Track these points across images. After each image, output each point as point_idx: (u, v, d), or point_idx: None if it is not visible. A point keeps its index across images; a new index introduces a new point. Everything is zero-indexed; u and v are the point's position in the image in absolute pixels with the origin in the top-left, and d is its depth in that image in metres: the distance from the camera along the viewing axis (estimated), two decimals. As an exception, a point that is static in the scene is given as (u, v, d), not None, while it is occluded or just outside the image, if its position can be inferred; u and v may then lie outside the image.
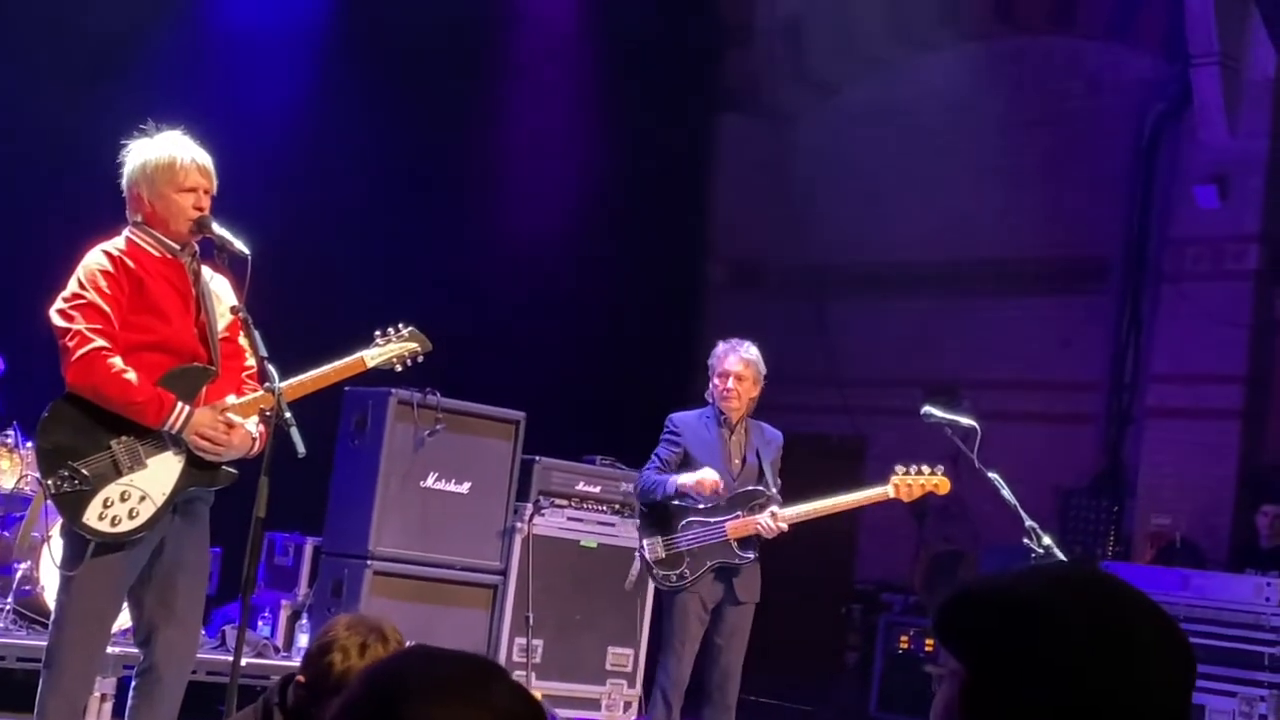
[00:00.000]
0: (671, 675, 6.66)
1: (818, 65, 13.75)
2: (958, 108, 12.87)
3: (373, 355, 5.10)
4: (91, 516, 4.57)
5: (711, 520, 6.77)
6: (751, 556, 6.81)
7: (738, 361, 6.83)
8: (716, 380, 6.85)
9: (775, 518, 6.72)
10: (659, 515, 6.82)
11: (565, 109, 12.03)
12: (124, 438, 4.63)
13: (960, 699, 1.59)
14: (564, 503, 8.26)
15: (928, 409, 6.71)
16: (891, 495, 6.81)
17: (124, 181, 4.79)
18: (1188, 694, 1.59)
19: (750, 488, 6.85)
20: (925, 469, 6.82)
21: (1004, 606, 1.59)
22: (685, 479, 6.67)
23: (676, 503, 6.80)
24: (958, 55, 13.12)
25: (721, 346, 6.92)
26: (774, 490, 6.86)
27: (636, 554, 6.91)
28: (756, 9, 13.78)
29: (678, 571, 6.72)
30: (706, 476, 6.65)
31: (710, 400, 6.93)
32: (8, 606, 7.32)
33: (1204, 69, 11.20)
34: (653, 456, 6.94)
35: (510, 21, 11.77)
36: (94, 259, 4.67)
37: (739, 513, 6.79)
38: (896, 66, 13.43)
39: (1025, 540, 6.16)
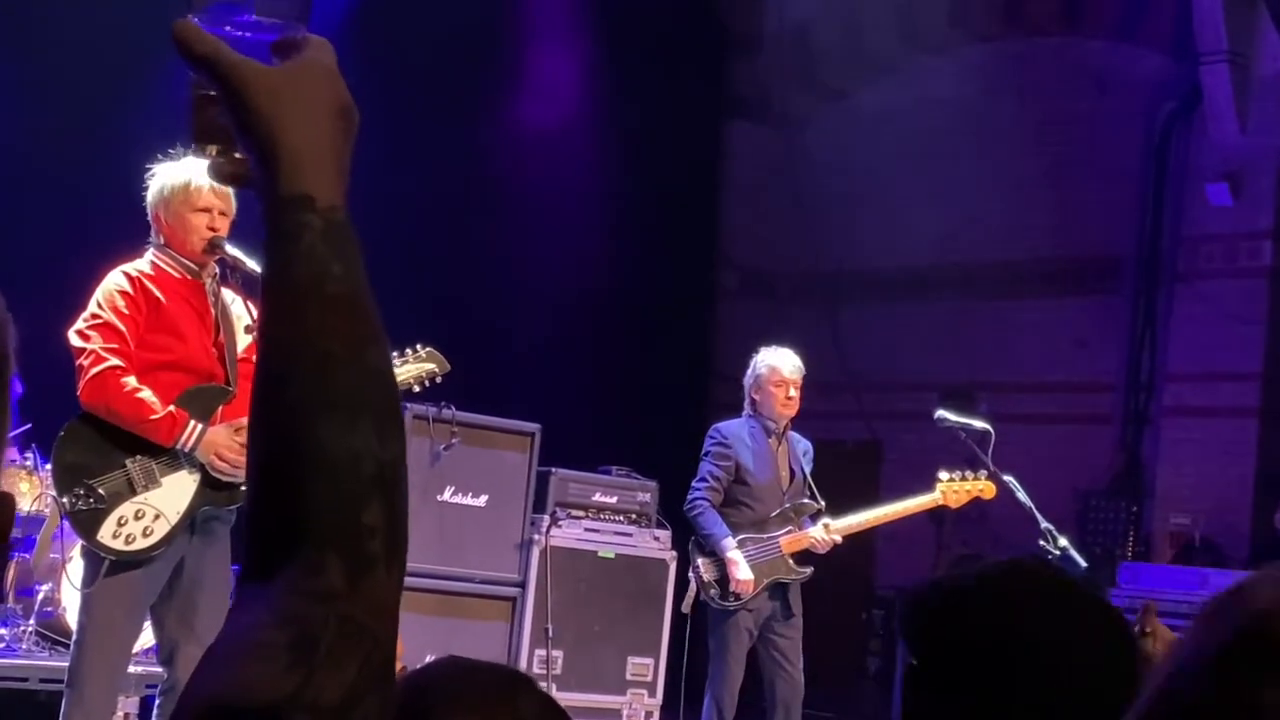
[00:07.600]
0: (725, 684, 6.61)
1: (827, 71, 13.75)
2: (968, 111, 12.86)
3: None
4: (106, 534, 4.60)
5: (765, 536, 6.67)
6: (808, 571, 6.72)
7: (794, 369, 6.73)
8: (773, 389, 6.69)
9: (828, 530, 6.65)
10: None
11: (575, 120, 12.03)
12: (139, 456, 4.66)
13: (904, 685, 1.74)
14: (581, 514, 8.25)
15: (941, 413, 6.72)
16: (941, 502, 6.76)
17: (147, 204, 4.84)
18: (1123, 680, 1.67)
19: (801, 501, 6.77)
20: (970, 474, 6.73)
21: (932, 600, 1.75)
22: (735, 569, 6.54)
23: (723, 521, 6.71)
24: (967, 58, 13.11)
25: (770, 355, 6.77)
26: (820, 502, 6.79)
27: (691, 575, 6.77)
28: (765, 16, 13.77)
29: (735, 590, 6.61)
30: (744, 579, 6.55)
31: (750, 411, 6.81)
32: (30, 628, 7.34)
33: (1213, 67, 11.18)
34: (703, 474, 6.77)
35: (517, 32, 11.78)
36: (113, 280, 4.73)
37: (791, 527, 6.72)
38: (906, 70, 13.42)
39: (1041, 542, 6.15)
